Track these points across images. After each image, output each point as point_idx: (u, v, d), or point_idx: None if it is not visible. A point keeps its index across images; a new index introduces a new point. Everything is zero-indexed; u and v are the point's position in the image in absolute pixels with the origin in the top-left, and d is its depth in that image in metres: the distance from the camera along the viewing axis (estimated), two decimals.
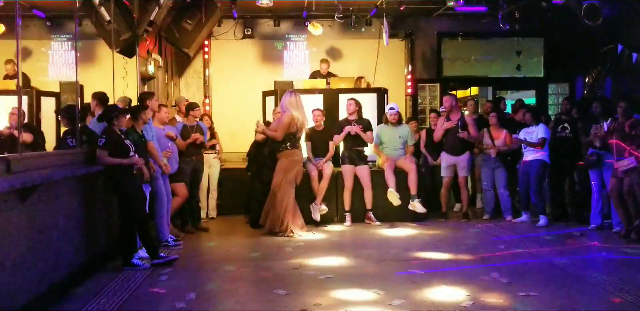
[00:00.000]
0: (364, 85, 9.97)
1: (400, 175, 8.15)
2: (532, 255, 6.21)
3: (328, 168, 8.12)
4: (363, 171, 8.13)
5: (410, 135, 8.49)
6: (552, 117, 9.45)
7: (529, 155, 7.93)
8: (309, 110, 8.46)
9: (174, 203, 7.16)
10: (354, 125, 8.13)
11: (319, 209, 8.03)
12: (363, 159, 8.26)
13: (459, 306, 4.48)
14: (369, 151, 8.42)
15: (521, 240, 6.96)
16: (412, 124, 9.25)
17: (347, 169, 8.14)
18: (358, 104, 8.31)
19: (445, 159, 8.41)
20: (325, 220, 8.10)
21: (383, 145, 8.38)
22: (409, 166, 8.14)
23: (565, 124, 8.08)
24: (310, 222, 7.94)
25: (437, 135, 8.44)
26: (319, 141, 8.25)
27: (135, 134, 6.06)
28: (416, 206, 8.03)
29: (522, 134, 7.98)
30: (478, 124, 8.60)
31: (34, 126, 8.00)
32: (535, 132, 7.89)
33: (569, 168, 8.02)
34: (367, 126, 8.23)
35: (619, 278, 5.18)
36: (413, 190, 8.05)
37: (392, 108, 8.44)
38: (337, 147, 8.44)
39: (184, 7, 9.47)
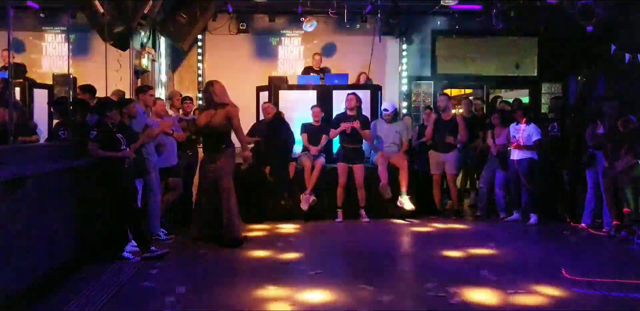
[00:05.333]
0: (362, 81, 10.01)
1: (392, 171, 8.16)
2: (521, 253, 6.23)
3: (320, 160, 8.14)
4: (358, 171, 8.06)
5: (406, 130, 8.51)
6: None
7: (518, 154, 7.95)
8: (305, 106, 8.47)
9: (170, 197, 7.14)
10: (353, 121, 8.04)
11: (308, 200, 8.02)
12: (359, 157, 8.16)
13: (447, 303, 4.50)
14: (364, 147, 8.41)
15: (511, 238, 6.99)
16: (407, 119, 9.32)
17: (341, 167, 8.08)
18: (359, 99, 8.24)
19: (433, 157, 8.43)
20: (317, 216, 8.11)
21: (379, 140, 8.36)
22: (401, 162, 8.14)
23: (554, 124, 8.12)
24: (298, 218, 7.97)
25: (428, 133, 8.46)
26: (314, 135, 8.29)
27: (124, 127, 6.03)
28: (404, 202, 8.01)
29: (511, 131, 8.00)
30: (473, 123, 8.65)
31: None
32: (527, 132, 7.91)
33: (558, 167, 8.06)
34: (364, 124, 8.11)
35: (609, 277, 5.21)
36: (403, 187, 8.04)
37: (385, 110, 8.42)
38: (330, 143, 8.46)
39: (179, 0, 9.43)
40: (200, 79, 10.94)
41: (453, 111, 9.11)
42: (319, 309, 4.38)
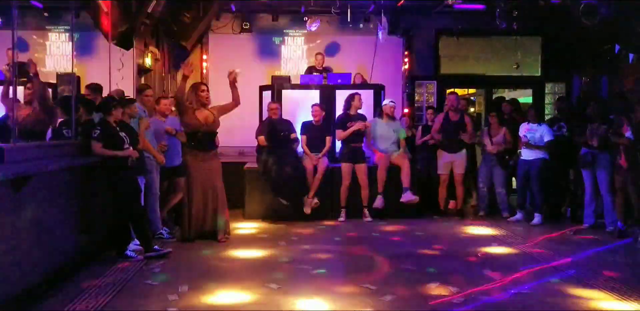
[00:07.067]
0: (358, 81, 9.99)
1: (394, 171, 8.15)
2: (525, 253, 6.23)
3: (323, 163, 8.12)
4: (362, 170, 8.09)
5: (403, 129, 8.51)
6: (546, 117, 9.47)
7: (530, 154, 7.92)
8: (308, 106, 8.46)
9: (174, 197, 7.14)
10: (359, 121, 8.06)
11: (311, 203, 8.03)
12: (363, 156, 8.19)
13: (449, 302, 4.50)
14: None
15: (515, 238, 6.99)
16: (406, 120, 9.32)
17: (346, 168, 8.09)
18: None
19: (442, 157, 8.41)
20: (320, 215, 8.11)
21: (377, 140, 8.33)
22: (402, 161, 8.13)
23: (561, 124, 8.11)
24: (301, 217, 7.97)
25: (434, 132, 8.44)
26: (315, 135, 8.25)
27: (125, 126, 6.03)
28: (409, 197, 7.98)
29: (522, 131, 7.98)
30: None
31: None
32: (539, 132, 7.88)
33: (564, 167, 8.04)
34: None
35: (612, 277, 5.22)
36: (405, 183, 8.02)
37: (392, 101, 8.48)
38: (333, 143, 8.45)
39: (183, 0, 9.44)
40: (203, 78, 10.93)
41: None
42: (320, 308, 4.38)
